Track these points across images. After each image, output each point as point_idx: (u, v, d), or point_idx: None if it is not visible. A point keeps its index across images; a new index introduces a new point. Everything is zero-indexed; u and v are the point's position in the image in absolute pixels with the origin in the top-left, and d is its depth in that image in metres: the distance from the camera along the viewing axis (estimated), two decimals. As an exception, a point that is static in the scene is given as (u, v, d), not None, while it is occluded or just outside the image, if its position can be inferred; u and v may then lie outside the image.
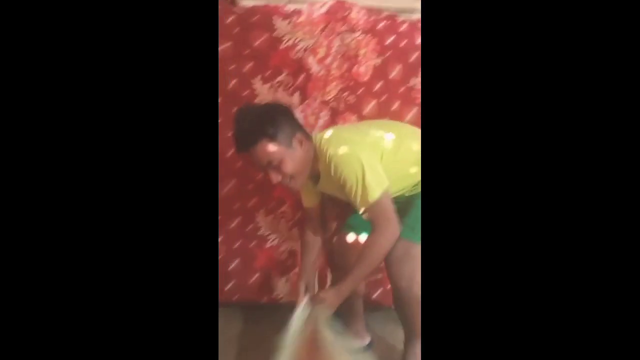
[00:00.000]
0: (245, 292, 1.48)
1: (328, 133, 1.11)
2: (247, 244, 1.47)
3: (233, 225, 1.46)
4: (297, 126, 1.09)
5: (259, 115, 1.05)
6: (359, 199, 1.01)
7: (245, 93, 1.39)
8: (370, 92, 1.41)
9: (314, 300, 1.04)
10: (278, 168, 1.03)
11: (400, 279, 1.05)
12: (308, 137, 1.10)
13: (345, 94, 1.40)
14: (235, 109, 1.35)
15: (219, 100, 1.37)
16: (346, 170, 1.01)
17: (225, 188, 1.43)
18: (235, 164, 1.42)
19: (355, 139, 1.07)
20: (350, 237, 1.20)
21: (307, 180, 1.11)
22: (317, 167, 1.10)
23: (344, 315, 1.21)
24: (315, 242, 1.26)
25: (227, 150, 1.41)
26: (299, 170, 1.05)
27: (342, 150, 1.03)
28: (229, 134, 1.39)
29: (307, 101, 1.40)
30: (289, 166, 1.03)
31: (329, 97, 1.40)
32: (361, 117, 1.41)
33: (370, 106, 1.42)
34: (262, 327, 1.38)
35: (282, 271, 1.46)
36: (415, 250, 1.03)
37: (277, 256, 1.46)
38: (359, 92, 1.40)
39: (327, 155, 1.04)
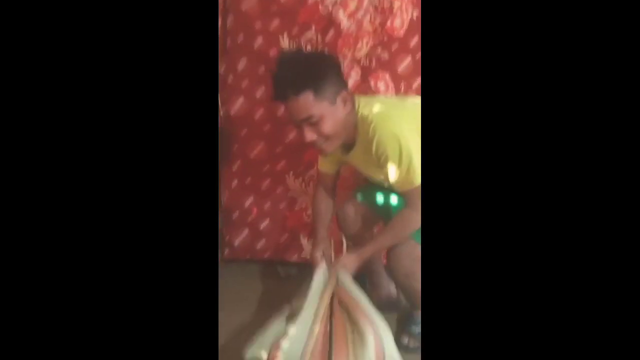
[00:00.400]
0: (276, 251, 1.55)
1: (374, 104, 1.00)
2: (277, 206, 1.50)
3: (263, 186, 1.48)
4: (343, 83, 0.99)
5: (306, 63, 0.95)
6: (402, 180, 0.95)
7: (273, 52, 1.33)
8: (406, 48, 1.29)
9: (335, 265, 1.04)
10: (316, 126, 0.93)
11: (399, 274, 1.03)
12: (352, 98, 1.00)
13: (378, 50, 1.30)
14: (262, 70, 1.34)
15: (245, 60, 1.34)
16: (391, 150, 0.93)
17: (255, 150, 1.44)
18: (264, 127, 1.42)
19: (405, 118, 0.97)
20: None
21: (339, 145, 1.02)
22: (354, 135, 1.01)
23: (365, 274, 1.23)
24: (327, 208, 1.20)
25: (255, 112, 1.40)
26: (338, 131, 0.96)
27: (391, 128, 0.94)
28: (258, 95, 1.39)
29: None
30: (329, 125, 0.94)
31: (360, 55, 1.31)
32: (395, 76, 1.32)
33: (405, 64, 1.31)
34: (293, 283, 1.45)
35: (310, 232, 1.50)
36: (418, 250, 0.98)
37: (305, 218, 1.49)
38: (393, 49, 1.29)
39: (371, 128, 0.95)
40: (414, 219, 0.98)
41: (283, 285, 1.43)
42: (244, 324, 1.25)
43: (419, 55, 1.29)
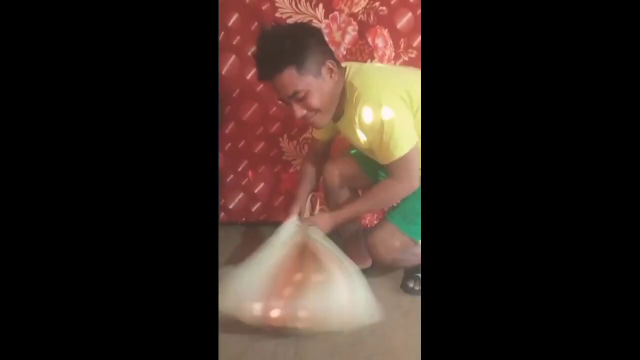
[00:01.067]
0: (271, 213, 1.54)
1: (363, 72, 0.96)
2: (271, 168, 1.48)
3: (257, 149, 1.45)
4: (327, 52, 0.94)
5: (286, 38, 0.89)
6: (383, 152, 0.94)
7: (265, 7, 1.25)
8: (406, 3, 1.22)
9: (306, 221, 1.04)
10: (304, 100, 0.91)
11: (379, 258, 1.06)
12: (339, 65, 0.96)
13: (377, 4, 1.23)
14: (255, 25, 1.27)
15: (236, 15, 1.26)
16: (373, 119, 0.91)
17: (248, 112, 1.40)
18: (256, 87, 1.36)
19: (393, 87, 0.93)
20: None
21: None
22: (343, 103, 0.98)
23: (342, 239, 1.23)
24: (313, 172, 1.19)
25: (247, 72, 1.34)
26: (327, 104, 0.94)
27: (373, 96, 0.91)
28: (250, 53, 1.33)
29: (332, 14, 1.25)
30: (316, 99, 0.91)
31: (358, 9, 1.24)
32: (394, 32, 1.25)
33: (405, 19, 1.24)
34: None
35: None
36: (401, 238, 1.02)
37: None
38: (392, 2, 1.22)
39: (355, 97, 0.92)
40: (394, 190, 0.99)
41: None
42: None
43: (419, 12, 1.22)
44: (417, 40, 1.26)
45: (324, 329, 0.96)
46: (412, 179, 0.96)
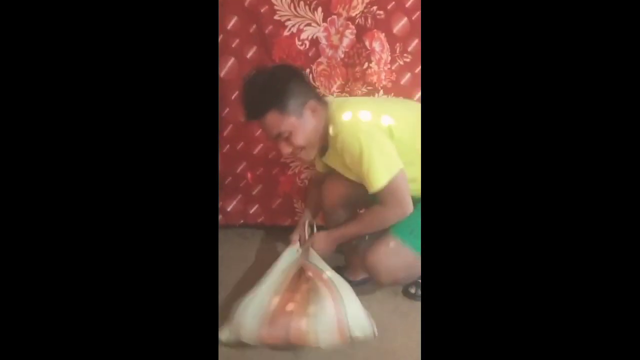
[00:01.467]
0: (270, 216, 1.55)
1: (346, 106, 1.00)
2: (270, 171, 1.49)
3: (256, 151, 1.46)
4: (309, 92, 1.00)
5: (268, 82, 0.95)
6: (366, 182, 0.96)
7: (264, 9, 1.26)
8: (402, 8, 1.24)
9: (305, 242, 1.07)
10: (289, 139, 0.97)
11: (379, 273, 1.03)
12: (322, 102, 1.01)
13: (374, 8, 1.24)
14: (254, 28, 1.28)
15: (235, 18, 1.27)
16: (353, 152, 0.93)
17: (246, 114, 1.40)
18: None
19: (368, 116, 0.96)
20: None
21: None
22: (328, 138, 1.02)
23: (345, 252, 1.26)
24: (314, 203, 1.24)
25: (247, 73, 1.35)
26: (311, 141, 0.99)
27: (352, 129, 0.94)
28: (248, 56, 1.34)
29: (330, 17, 1.26)
30: (300, 138, 0.97)
31: (356, 13, 1.25)
32: (391, 36, 1.27)
33: (401, 24, 1.26)
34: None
35: (303, 197, 1.49)
36: (404, 253, 1.01)
37: (298, 183, 1.48)
38: (389, 7, 1.24)
39: (337, 130, 0.96)
40: (383, 216, 1.00)
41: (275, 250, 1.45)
42: (240, 286, 1.27)
43: (415, 16, 1.24)
44: (413, 45, 1.28)
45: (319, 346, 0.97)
46: (402, 206, 0.97)
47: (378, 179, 0.94)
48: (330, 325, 0.92)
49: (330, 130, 0.98)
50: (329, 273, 1.00)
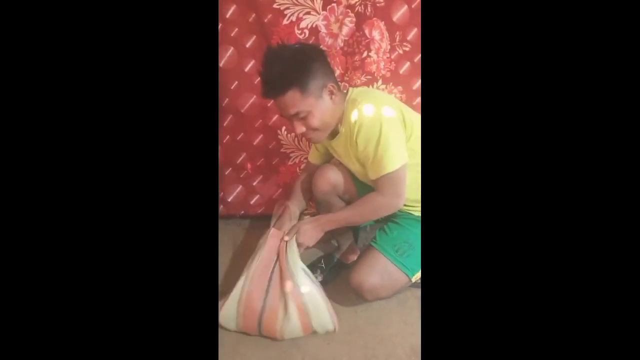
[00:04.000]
0: (270, 206, 1.55)
1: (364, 90, 1.02)
2: (270, 161, 1.49)
3: (256, 142, 1.46)
4: (330, 74, 0.99)
5: (291, 58, 0.93)
6: (375, 165, 0.96)
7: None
8: (401, -6, 1.23)
9: (291, 229, 1.05)
10: (305, 120, 0.96)
11: (364, 292, 1.02)
12: (339, 88, 1.01)
13: (374, -4, 1.23)
14: (253, 17, 1.27)
15: (234, 7, 1.27)
16: (371, 133, 0.94)
17: (246, 105, 1.41)
18: (254, 79, 1.37)
19: (391, 105, 0.98)
20: None
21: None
22: (341, 122, 1.02)
23: (338, 236, 1.27)
24: (305, 194, 1.22)
25: (245, 64, 1.35)
26: (326, 123, 0.99)
27: (376, 110, 0.95)
28: (248, 45, 1.34)
29: (330, 5, 1.25)
30: (316, 119, 0.96)
31: (355, 1, 1.24)
32: (390, 25, 1.26)
33: (401, 12, 1.25)
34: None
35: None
36: (392, 270, 1.01)
37: (298, 173, 1.48)
38: (389, -6, 1.23)
39: (357, 111, 0.96)
40: (379, 204, 1.00)
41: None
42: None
43: (415, 4, 1.23)
44: (412, 34, 1.27)
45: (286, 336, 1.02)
46: (398, 196, 0.98)
47: (389, 163, 0.95)
48: (296, 327, 0.99)
49: (353, 115, 0.98)
50: (293, 265, 0.99)
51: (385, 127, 0.93)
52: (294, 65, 0.92)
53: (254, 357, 1.00)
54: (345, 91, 1.05)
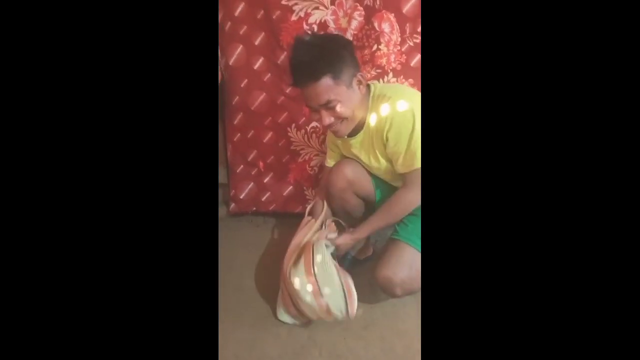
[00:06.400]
0: (281, 203, 1.55)
1: (389, 85, 1.01)
2: (280, 158, 1.49)
3: (266, 139, 1.46)
4: (357, 64, 0.98)
5: (322, 46, 0.92)
6: (407, 158, 0.96)
7: (270, -6, 1.25)
8: (411, -14, 1.21)
9: (330, 241, 1.05)
10: (333, 109, 0.94)
11: (394, 287, 0.98)
12: (365, 79, 1.00)
13: (382, -12, 1.22)
14: (261, 14, 1.27)
15: (243, 5, 1.27)
16: (405, 127, 0.94)
17: (256, 102, 1.41)
18: (263, 77, 1.37)
19: (417, 101, 0.97)
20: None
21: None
22: (365, 117, 1.01)
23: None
24: (323, 204, 1.20)
25: (254, 62, 1.35)
26: (354, 113, 0.97)
27: (409, 105, 0.94)
28: (257, 42, 1.33)
29: (338, 0, 1.24)
30: (346, 108, 0.94)
31: (364, -6, 1.24)
32: (400, 16, 1.25)
33: (410, 3, 1.24)
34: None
35: (314, 184, 1.49)
36: (413, 256, 0.98)
37: (308, 170, 1.48)
38: (398, -14, 1.21)
39: (389, 105, 0.96)
40: (409, 200, 1.00)
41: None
42: (254, 272, 1.29)
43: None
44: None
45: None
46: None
47: (419, 159, 0.95)
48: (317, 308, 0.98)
49: (383, 110, 0.97)
50: (319, 260, 0.99)
51: (417, 123, 0.93)
52: (326, 52, 0.91)
53: (271, 352, 1.00)
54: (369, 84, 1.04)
